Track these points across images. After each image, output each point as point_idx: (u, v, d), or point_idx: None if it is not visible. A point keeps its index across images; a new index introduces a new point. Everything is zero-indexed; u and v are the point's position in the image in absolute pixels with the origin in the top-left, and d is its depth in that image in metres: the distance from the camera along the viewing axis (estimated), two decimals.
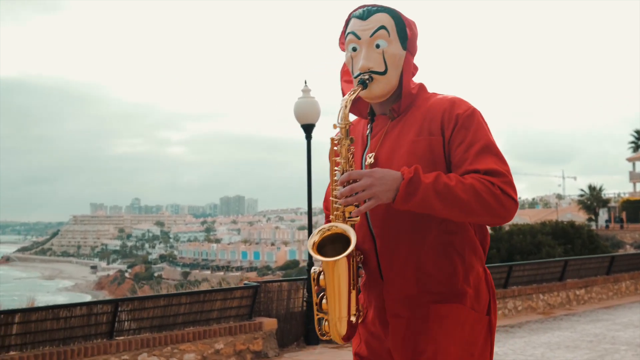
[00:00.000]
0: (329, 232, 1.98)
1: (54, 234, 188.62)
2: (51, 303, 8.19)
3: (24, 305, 8.60)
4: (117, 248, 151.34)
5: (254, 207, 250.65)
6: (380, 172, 1.90)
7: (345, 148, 2.02)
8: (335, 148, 2.04)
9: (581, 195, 52.81)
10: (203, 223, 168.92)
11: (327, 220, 2.18)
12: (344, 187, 1.93)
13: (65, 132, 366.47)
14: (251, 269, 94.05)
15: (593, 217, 50.05)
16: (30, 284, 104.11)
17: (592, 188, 51.53)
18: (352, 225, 1.99)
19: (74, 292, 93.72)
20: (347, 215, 1.98)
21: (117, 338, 6.52)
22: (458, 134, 2.00)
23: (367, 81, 2.07)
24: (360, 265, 2.08)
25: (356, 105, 2.23)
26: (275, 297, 8.03)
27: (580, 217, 51.52)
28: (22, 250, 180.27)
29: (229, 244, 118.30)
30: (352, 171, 1.94)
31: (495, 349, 7.73)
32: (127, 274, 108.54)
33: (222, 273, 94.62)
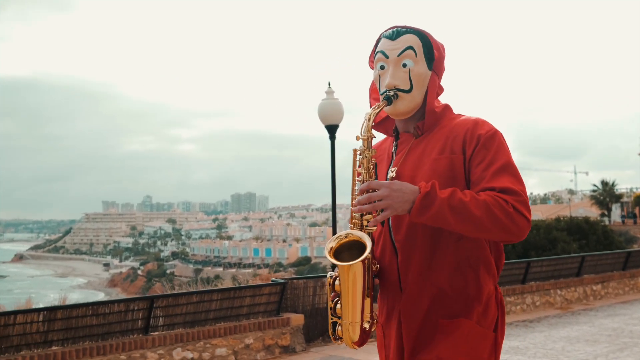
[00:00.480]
0: (346, 240, 2.07)
1: (67, 232, 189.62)
2: (71, 301, 8.44)
3: (44, 304, 8.85)
4: (130, 245, 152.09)
5: (265, 204, 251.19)
6: (399, 184, 1.98)
7: (367, 159, 2.09)
8: (357, 159, 2.12)
9: (594, 191, 52.80)
10: (214, 220, 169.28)
11: None
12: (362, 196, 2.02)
13: (77, 130, 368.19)
14: (263, 265, 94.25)
15: (606, 212, 50.00)
16: (44, 282, 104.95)
17: (604, 183, 51.50)
18: (370, 234, 2.07)
19: (87, 289, 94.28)
20: (364, 224, 2.07)
21: (152, 333, 6.76)
22: (479, 153, 2.08)
23: (392, 98, 2.15)
24: (375, 274, 2.16)
25: (383, 124, 2.33)
26: (301, 294, 8.26)
27: (593, 212, 51.46)
28: (35, 248, 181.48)
29: (240, 241, 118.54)
30: (371, 181, 2.03)
31: (516, 342, 7.94)
32: (139, 272, 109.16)
33: (234, 270, 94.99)
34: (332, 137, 8.82)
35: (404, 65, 2.18)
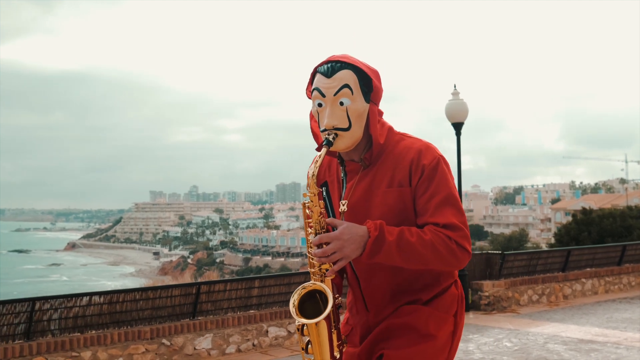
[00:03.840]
0: (305, 291, 2.18)
1: (117, 221, 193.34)
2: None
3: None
4: (178, 235, 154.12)
5: None
6: (348, 234, 2.08)
7: (317, 212, 2.16)
8: (307, 211, 2.18)
9: None
10: (261, 210, 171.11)
11: None
12: (318, 247, 2.11)
13: (125, 122, 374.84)
14: None
15: None
16: (98, 270, 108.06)
17: None
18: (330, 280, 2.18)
19: (138, 277, 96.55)
20: (323, 271, 2.16)
21: None
22: (422, 184, 2.18)
23: (332, 139, 2.20)
24: (340, 305, 2.24)
25: None
26: None
27: None
28: (87, 237, 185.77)
29: (288, 231, 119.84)
30: (322, 235, 2.11)
31: (627, 314, 9.00)
32: (189, 260, 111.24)
33: (282, 259, 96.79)
34: (458, 133, 9.96)
35: (341, 104, 2.20)
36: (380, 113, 2.30)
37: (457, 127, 9.93)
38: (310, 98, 2.29)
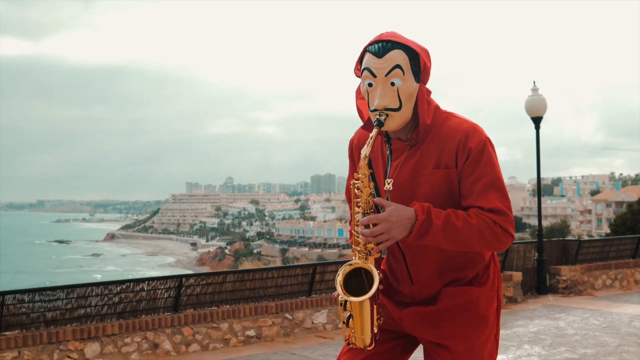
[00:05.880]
0: (351, 268, 2.20)
1: (155, 212, 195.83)
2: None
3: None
4: (215, 226, 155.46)
5: (344, 185, 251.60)
6: (396, 216, 2.11)
7: (367, 193, 2.19)
8: (356, 191, 2.21)
9: None
10: (297, 201, 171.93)
11: (351, 209, 2.32)
12: (365, 227, 2.14)
13: (163, 115, 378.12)
14: (348, 246, 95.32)
15: None
16: (138, 260, 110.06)
17: None
18: (374, 259, 2.22)
19: (176, 267, 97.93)
20: (369, 249, 2.19)
21: None
22: (469, 166, 2.19)
23: (384, 120, 2.21)
24: (381, 280, 2.25)
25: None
26: (515, 256, 10.08)
27: None
28: (125, 227, 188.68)
29: (324, 222, 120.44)
30: (371, 216, 2.14)
31: None
32: (227, 251, 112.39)
33: (319, 250, 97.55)
34: (537, 127, 10.59)
35: (392, 84, 2.19)
36: (429, 92, 2.29)
37: (536, 121, 10.54)
38: (358, 77, 2.29)
